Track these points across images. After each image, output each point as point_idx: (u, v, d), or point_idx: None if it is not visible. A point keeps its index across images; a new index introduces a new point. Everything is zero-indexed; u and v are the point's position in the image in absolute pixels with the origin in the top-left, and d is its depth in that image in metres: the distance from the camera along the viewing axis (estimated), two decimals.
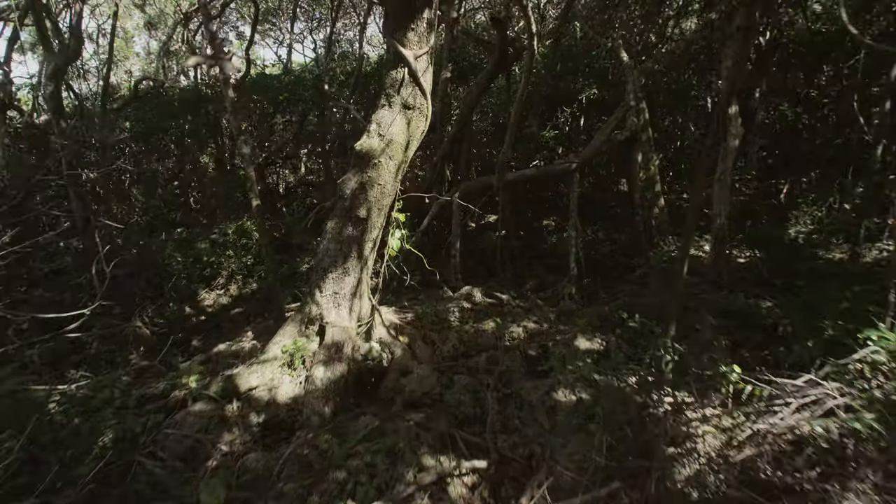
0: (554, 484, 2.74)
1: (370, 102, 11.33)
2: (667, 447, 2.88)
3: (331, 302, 3.91)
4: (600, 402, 3.26)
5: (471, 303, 5.22)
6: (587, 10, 12.07)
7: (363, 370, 4.01)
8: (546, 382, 3.67)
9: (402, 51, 3.50)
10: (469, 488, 2.80)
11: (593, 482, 2.71)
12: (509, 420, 3.30)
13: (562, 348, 4.07)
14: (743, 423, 2.79)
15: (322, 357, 3.83)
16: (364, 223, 3.76)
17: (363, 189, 3.69)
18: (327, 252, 3.85)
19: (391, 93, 3.69)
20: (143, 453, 3.28)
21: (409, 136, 3.77)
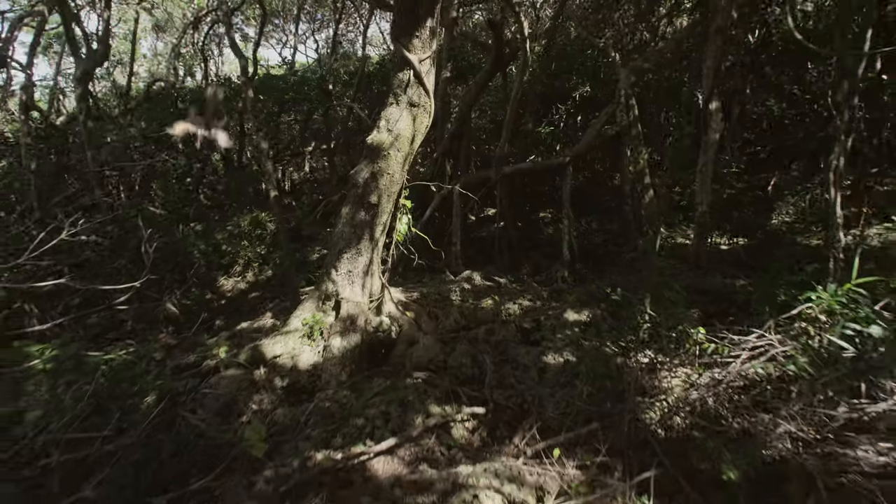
0: (542, 426, 3.21)
1: (373, 101, 11.82)
2: (640, 396, 3.36)
3: (345, 279, 4.38)
4: (584, 361, 3.74)
5: (471, 284, 5.69)
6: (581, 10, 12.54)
7: (375, 341, 4.48)
8: (537, 349, 4.14)
9: (408, 55, 3.96)
10: (469, 431, 3.27)
11: (575, 423, 3.18)
12: (504, 378, 3.77)
13: (552, 320, 4.54)
14: (704, 372, 3.27)
15: (338, 329, 4.30)
16: (375, 208, 4.23)
17: (374, 178, 4.16)
18: (342, 235, 4.32)
19: (398, 92, 4.16)
20: (185, 409, 3.75)
21: (414, 130, 4.23)
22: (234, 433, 3.41)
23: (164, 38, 16.21)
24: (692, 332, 3.55)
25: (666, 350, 3.66)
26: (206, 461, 3.22)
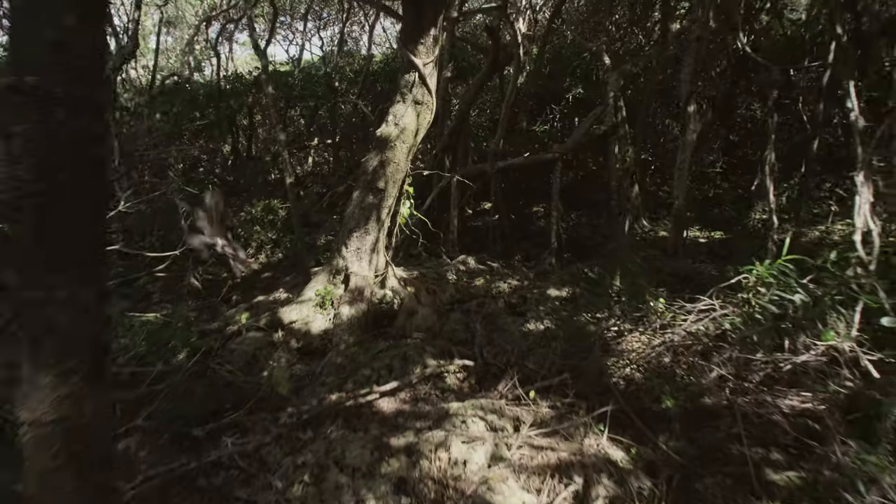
0: (522, 376, 3.79)
1: (376, 98, 12.37)
2: (605, 354, 3.95)
3: (354, 256, 4.95)
4: (561, 328, 4.33)
5: (465, 267, 6.27)
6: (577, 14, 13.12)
7: (379, 311, 5.06)
8: (522, 318, 4.73)
9: (414, 59, 4.53)
10: (460, 380, 3.85)
11: (549, 374, 3.76)
12: (492, 340, 4.35)
13: (536, 296, 5.12)
14: (660, 334, 3.86)
15: (347, 299, 4.88)
16: (382, 193, 4.81)
17: (382, 166, 4.74)
18: (352, 216, 4.90)
19: (405, 91, 4.73)
20: (214, 363, 4.33)
21: (418, 125, 4.81)
22: (259, 382, 3.99)
23: (175, 33, 16.72)
24: (654, 304, 4.15)
25: (631, 318, 4.25)
26: (236, 402, 3.79)
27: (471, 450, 2.89)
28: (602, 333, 4.03)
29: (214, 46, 11.75)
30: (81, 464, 1.12)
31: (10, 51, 0.96)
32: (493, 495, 2.64)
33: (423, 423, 3.17)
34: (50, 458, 1.10)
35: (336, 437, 3.11)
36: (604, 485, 2.73)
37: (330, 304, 4.94)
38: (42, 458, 1.09)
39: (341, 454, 2.93)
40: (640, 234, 8.76)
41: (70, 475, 1.11)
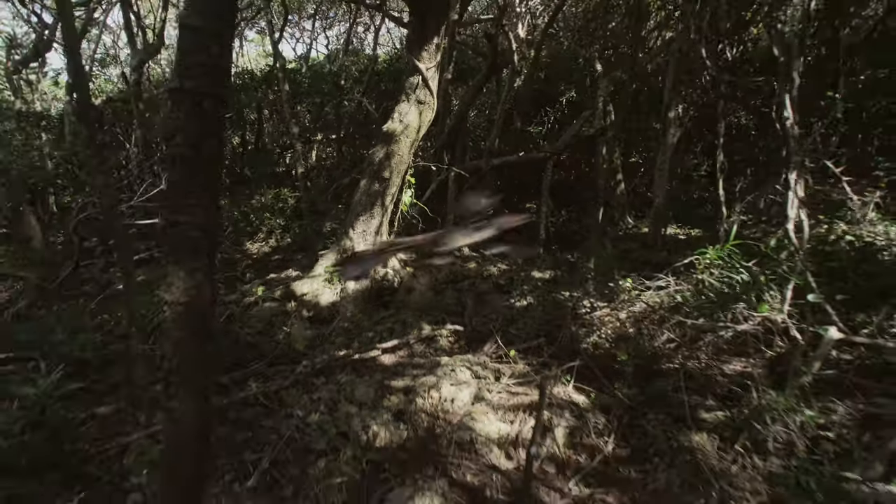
0: (505, 340, 4.39)
1: (380, 97, 12.96)
2: (576, 326, 4.55)
3: (360, 237, 5.55)
4: (541, 302, 4.93)
5: (460, 253, 6.87)
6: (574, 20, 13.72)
7: (381, 287, 5.65)
8: (508, 295, 5.34)
9: (419, 64, 5.13)
10: (451, 342, 4.46)
11: (528, 338, 4.37)
12: (480, 312, 4.95)
13: (522, 277, 5.73)
14: (626, 308, 4.47)
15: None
16: (386, 181, 5.40)
17: (387, 158, 5.33)
18: (359, 201, 5.49)
19: (409, 92, 5.33)
20: (236, 327, 4.92)
21: (420, 122, 5.40)
22: (277, 341, 4.58)
23: None
24: (622, 283, 4.76)
25: (602, 295, 4.86)
26: (257, 357, 4.39)
27: (458, 391, 3.50)
28: (575, 307, 4.64)
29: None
30: (198, 332, 1.71)
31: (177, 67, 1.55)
32: (475, 424, 3.24)
33: (418, 371, 3.77)
34: (179, 328, 1.69)
35: (345, 381, 3.71)
36: (566, 418, 3.34)
37: (337, 279, 5.53)
38: (175, 328, 1.68)
39: (350, 392, 3.53)
40: (625, 229, 9.38)
41: (192, 340, 1.71)
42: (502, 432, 3.21)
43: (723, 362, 3.97)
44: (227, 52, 1.63)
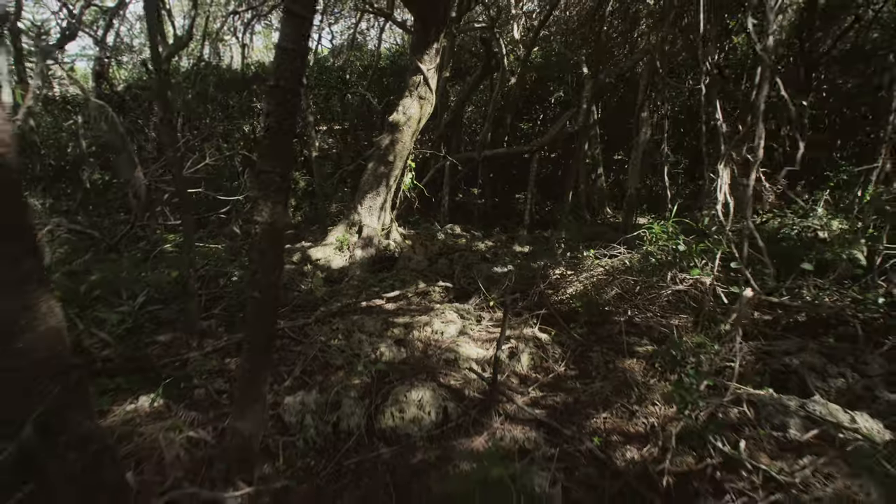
0: (485, 296, 5.33)
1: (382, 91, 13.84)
2: (546, 287, 5.50)
3: (367, 212, 6.47)
4: (518, 269, 5.87)
5: (452, 231, 7.81)
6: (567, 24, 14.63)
7: (383, 255, 6.58)
8: (491, 264, 6.27)
9: (420, 65, 6.03)
10: (441, 296, 5.39)
11: (505, 293, 5.31)
12: (467, 275, 5.89)
13: (505, 251, 6.67)
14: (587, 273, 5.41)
15: (360, 244, 6.39)
16: (391, 165, 6.32)
17: (392, 144, 6.24)
18: (367, 181, 6.41)
19: (412, 88, 6.24)
20: None
21: (421, 115, 6.31)
22: (297, 292, 5.50)
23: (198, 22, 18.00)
24: (586, 254, 5.71)
25: (569, 264, 5.81)
26: (281, 305, 5.30)
27: (446, 326, 4.44)
28: (545, 271, 5.58)
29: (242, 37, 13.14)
30: (276, 241, 2.63)
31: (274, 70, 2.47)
32: (459, 348, 4.18)
33: (415, 313, 4.71)
34: (264, 239, 2.62)
35: (357, 319, 4.64)
36: (530, 349, 4.29)
37: (346, 247, 6.45)
38: (262, 238, 2.61)
39: (361, 326, 4.46)
40: (604, 218, 10.34)
41: (273, 252, 2.63)
42: (479, 355, 4.15)
43: (661, 314, 4.93)
44: (304, 62, 2.55)
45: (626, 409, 3.61)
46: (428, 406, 3.48)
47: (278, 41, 2.50)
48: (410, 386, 3.61)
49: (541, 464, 3.13)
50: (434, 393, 3.57)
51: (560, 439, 3.33)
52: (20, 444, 2.11)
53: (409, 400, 3.50)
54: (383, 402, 3.51)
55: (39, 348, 2.14)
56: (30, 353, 2.11)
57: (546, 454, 3.21)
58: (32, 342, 2.11)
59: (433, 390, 3.59)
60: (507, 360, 4.21)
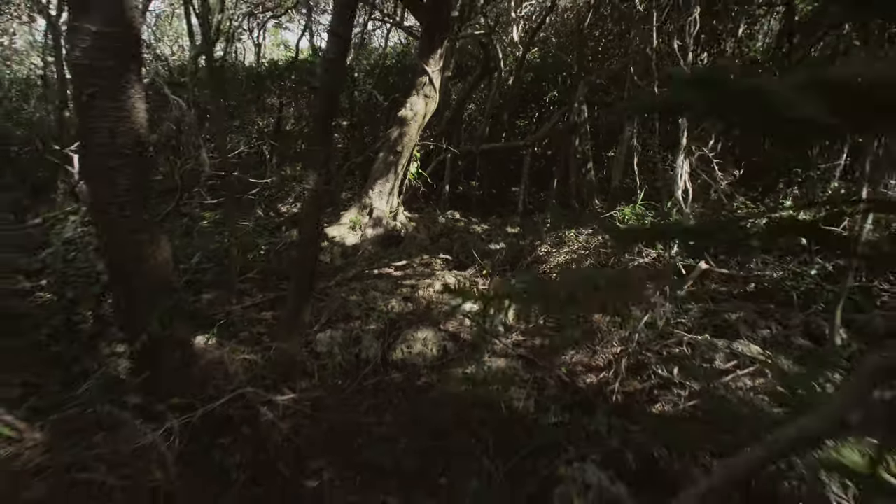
0: (480, 267, 6.20)
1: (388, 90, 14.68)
2: (533, 261, 6.36)
3: (377, 196, 7.33)
4: (509, 246, 6.75)
5: (452, 216, 8.68)
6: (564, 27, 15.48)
7: (391, 235, 7.44)
8: (486, 241, 7.15)
9: (426, 68, 6.89)
10: (442, 266, 6.26)
11: (499, 265, 6.18)
12: (465, 250, 6.76)
13: (498, 232, 7.54)
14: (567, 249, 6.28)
15: (370, 224, 7.25)
16: (399, 155, 7.18)
17: (400, 136, 7.10)
18: (378, 169, 7.27)
19: (418, 87, 7.09)
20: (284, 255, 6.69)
21: (425, 111, 7.17)
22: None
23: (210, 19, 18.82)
24: (567, 233, 6.59)
25: (553, 243, 6.68)
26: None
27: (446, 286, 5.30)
28: (532, 248, 6.46)
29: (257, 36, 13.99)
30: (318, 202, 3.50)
31: (320, 76, 3.33)
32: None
33: (420, 277, 5.59)
34: (310, 203, 3.49)
35: (370, 282, 5.51)
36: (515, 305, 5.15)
37: (359, 227, 7.31)
38: (308, 201, 3.47)
39: (375, 286, 5.33)
40: (592, 209, 11.19)
41: (315, 210, 3.50)
42: (473, 309, 5.02)
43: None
44: (343, 71, 3.41)
45: (590, 349, 4.49)
46: (430, 344, 4.36)
47: (324, 53, 3.34)
48: (416, 329, 4.48)
49: (519, 385, 4.01)
50: (435, 334, 4.45)
51: (535, 369, 4.21)
52: (145, 338, 3.00)
53: (415, 339, 4.38)
54: (395, 340, 4.39)
55: (158, 272, 3.03)
56: (152, 274, 3.00)
57: (524, 378, 4.08)
58: (154, 267, 3.00)
59: (435, 332, 4.46)
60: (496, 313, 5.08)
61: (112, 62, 2.61)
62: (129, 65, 2.69)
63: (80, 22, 2.53)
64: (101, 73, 2.60)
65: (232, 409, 3.37)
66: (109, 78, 2.63)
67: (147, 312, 2.96)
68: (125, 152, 2.75)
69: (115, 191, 2.77)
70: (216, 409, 3.26)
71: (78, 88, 2.67)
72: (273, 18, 14.32)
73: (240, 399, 3.44)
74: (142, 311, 2.98)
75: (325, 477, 3.17)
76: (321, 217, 3.68)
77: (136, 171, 2.84)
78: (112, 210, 2.79)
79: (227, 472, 3.08)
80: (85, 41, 2.54)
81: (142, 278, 2.95)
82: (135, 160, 2.81)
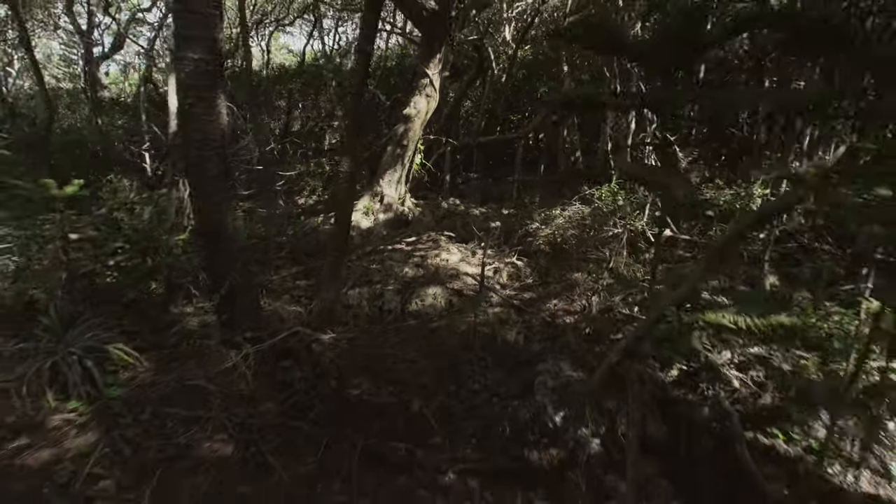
0: (480, 240, 7.22)
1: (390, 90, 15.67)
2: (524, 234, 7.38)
3: (387, 185, 8.34)
4: (504, 223, 7.76)
5: (454, 202, 9.69)
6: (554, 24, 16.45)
7: (400, 219, 8.45)
8: (485, 221, 8.16)
9: (426, 70, 7.89)
10: (446, 241, 7.27)
11: (497, 239, 7.19)
12: (466, 229, 7.78)
13: (495, 214, 8.56)
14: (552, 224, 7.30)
15: (381, 210, 8.27)
16: (405, 148, 8.18)
17: (406, 132, 8.10)
18: (387, 161, 8.28)
19: (420, 89, 8.09)
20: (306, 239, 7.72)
21: (427, 109, 8.17)
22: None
23: None
24: (553, 211, 7.60)
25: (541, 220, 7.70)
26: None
27: (451, 256, 6.33)
28: (523, 223, 7.47)
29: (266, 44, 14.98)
30: (351, 185, 4.51)
31: (350, 80, 4.34)
32: (459, 268, 6.07)
33: (428, 249, 6.61)
34: (346, 179, 4.51)
35: (386, 254, 6.53)
36: (508, 269, 6.18)
37: (371, 213, 8.32)
38: (344, 177, 4.49)
39: (390, 257, 6.36)
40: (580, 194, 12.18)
41: (350, 185, 4.52)
42: (474, 272, 6.04)
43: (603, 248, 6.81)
44: (367, 78, 4.42)
45: (570, 298, 5.51)
46: (439, 298, 5.39)
47: (351, 66, 4.31)
48: (427, 287, 5.51)
49: (511, 326, 5.03)
50: (443, 291, 5.48)
51: (524, 314, 5.23)
52: (228, 286, 4.02)
53: (426, 294, 5.40)
54: (410, 296, 5.42)
55: (234, 236, 4.05)
56: (230, 237, 4.02)
57: (515, 321, 5.10)
58: (231, 232, 4.02)
59: (443, 290, 5.49)
60: (492, 275, 6.11)
61: (206, 82, 3.62)
62: (217, 83, 3.70)
63: (185, 52, 3.54)
64: (199, 90, 3.61)
65: (290, 343, 4.39)
66: (204, 93, 3.64)
67: (228, 266, 3.99)
68: (213, 146, 3.77)
69: (206, 174, 3.79)
70: (278, 342, 4.29)
71: (182, 100, 3.68)
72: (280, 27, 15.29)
73: (295, 335, 4.45)
74: (224, 265, 4.01)
75: (363, 388, 4.19)
76: (355, 192, 4.69)
77: (220, 161, 3.86)
78: (206, 188, 3.81)
79: (290, 385, 4.10)
80: (188, 66, 3.55)
81: (224, 240, 3.98)
82: (220, 152, 3.83)
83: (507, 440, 3.26)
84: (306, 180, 11.22)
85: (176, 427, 3.51)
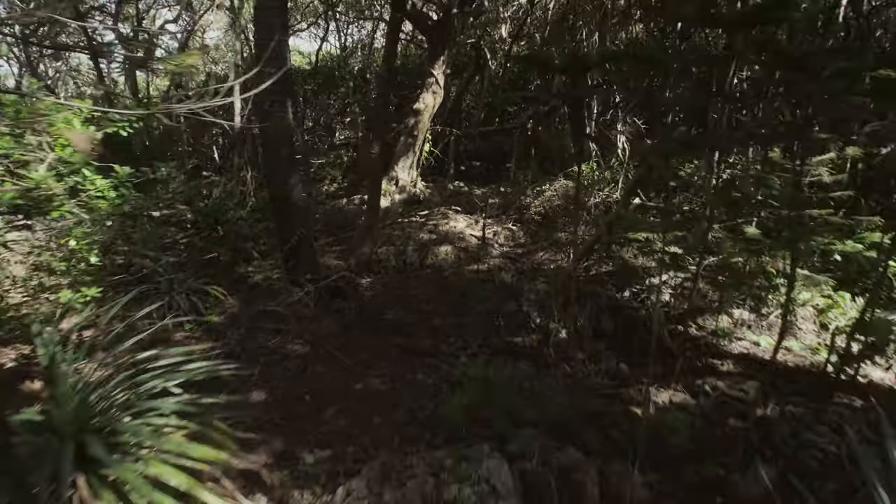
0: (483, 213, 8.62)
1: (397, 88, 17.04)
2: (519, 206, 8.77)
3: (401, 170, 9.74)
4: (503, 199, 9.16)
5: (459, 185, 11.09)
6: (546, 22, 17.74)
7: (413, 199, 9.86)
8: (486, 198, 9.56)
9: (432, 70, 9.26)
10: (454, 213, 8.68)
11: (499, 211, 8.59)
12: (471, 204, 9.17)
13: (494, 191, 9.95)
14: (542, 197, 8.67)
15: (396, 191, 9.67)
16: (416, 137, 9.57)
17: (416, 123, 9.49)
18: (400, 149, 9.68)
19: (427, 86, 9.45)
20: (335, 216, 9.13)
21: (434, 103, 9.54)
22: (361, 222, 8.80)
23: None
24: (544, 186, 8.98)
25: (534, 194, 9.08)
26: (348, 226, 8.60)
27: (457, 223, 7.74)
28: (518, 199, 8.85)
29: None
30: (381, 155, 5.90)
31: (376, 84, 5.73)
32: (465, 232, 7.49)
33: (438, 219, 8.02)
34: (378, 158, 5.91)
35: (405, 224, 7.94)
36: (505, 232, 7.58)
37: (388, 194, 9.72)
38: (369, 159, 5.89)
39: (409, 225, 7.77)
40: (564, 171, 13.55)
41: (379, 162, 5.92)
42: (477, 234, 7.45)
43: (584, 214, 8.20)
44: (392, 82, 5.82)
45: (554, 252, 6.91)
46: (450, 254, 6.80)
47: (376, 74, 5.71)
48: (439, 246, 6.92)
49: (507, 271, 6.44)
50: (452, 249, 6.89)
51: (518, 264, 6.63)
52: (292, 244, 5.45)
53: (439, 251, 6.82)
54: (427, 252, 6.83)
55: (299, 203, 5.47)
56: (296, 204, 5.43)
57: (509, 269, 6.51)
58: (296, 200, 5.44)
59: (452, 248, 6.91)
60: (491, 236, 7.51)
61: (280, 87, 5.03)
62: (287, 89, 5.11)
63: (266, 67, 4.95)
64: (274, 94, 5.02)
65: (340, 284, 5.82)
66: (278, 97, 5.05)
67: (294, 224, 5.41)
68: (284, 135, 5.18)
69: (280, 157, 5.21)
70: (331, 283, 5.72)
71: (262, 103, 5.10)
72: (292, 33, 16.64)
73: (342, 279, 5.89)
74: (292, 225, 5.43)
75: (395, 315, 5.61)
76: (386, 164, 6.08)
77: (289, 148, 5.27)
78: (279, 167, 5.23)
79: (342, 312, 5.53)
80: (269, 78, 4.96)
81: (291, 204, 5.39)
82: (288, 141, 5.25)
83: (502, 332, 4.69)
84: (326, 170, 12.64)
85: (266, 337, 4.95)
